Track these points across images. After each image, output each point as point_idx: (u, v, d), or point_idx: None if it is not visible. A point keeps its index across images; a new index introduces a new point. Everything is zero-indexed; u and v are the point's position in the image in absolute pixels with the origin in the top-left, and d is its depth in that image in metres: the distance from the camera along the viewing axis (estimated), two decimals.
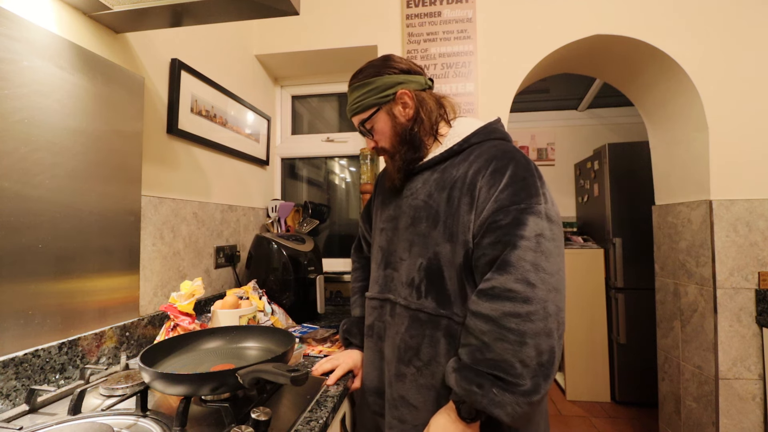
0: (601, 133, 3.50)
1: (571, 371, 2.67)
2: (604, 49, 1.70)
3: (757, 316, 1.48)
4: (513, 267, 0.64)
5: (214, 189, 1.43)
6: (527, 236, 0.65)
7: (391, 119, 0.81)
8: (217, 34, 1.47)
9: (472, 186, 0.73)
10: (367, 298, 0.91)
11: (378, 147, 0.85)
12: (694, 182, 1.60)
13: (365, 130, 0.84)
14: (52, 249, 0.81)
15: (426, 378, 0.75)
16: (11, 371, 0.72)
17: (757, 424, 1.47)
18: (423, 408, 0.74)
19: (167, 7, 0.87)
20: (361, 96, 0.81)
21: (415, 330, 0.76)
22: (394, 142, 0.82)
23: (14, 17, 0.75)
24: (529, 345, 0.62)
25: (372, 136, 0.84)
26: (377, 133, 0.83)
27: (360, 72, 0.83)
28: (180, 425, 0.61)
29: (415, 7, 1.65)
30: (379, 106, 0.81)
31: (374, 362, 0.86)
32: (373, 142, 0.85)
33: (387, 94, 0.80)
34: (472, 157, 0.77)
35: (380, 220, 0.91)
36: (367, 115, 0.82)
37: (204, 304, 1.30)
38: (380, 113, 0.81)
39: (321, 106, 2.12)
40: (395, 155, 0.83)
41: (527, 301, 0.63)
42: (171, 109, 1.19)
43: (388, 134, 0.82)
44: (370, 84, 0.80)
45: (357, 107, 0.82)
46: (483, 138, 0.80)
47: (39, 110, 0.78)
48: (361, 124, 0.84)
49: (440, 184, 0.78)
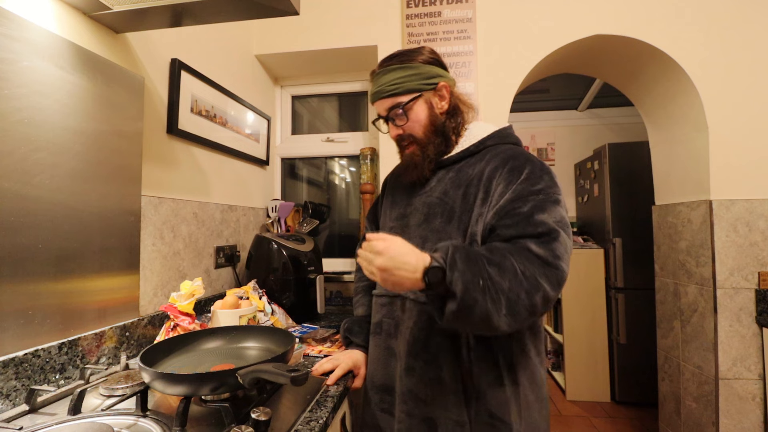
0: (601, 133, 3.50)
1: (571, 371, 2.67)
2: (604, 49, 1.70)
3: (757, 316, 1.48)
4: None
5: (214, 189, 1.43)
6: (548, 222, 0.67)
7: (428, 108, 0.81)
8: (217, 34, 1.47)
9: (488, 182, 0.75)
10: (374, 296, 0.91)
11: (405, 134, 0.82)
12: (694, 182, 1.60)
13: (394, 114, 0.81)
14: (52, 249, 0.81)
15: (434, 371, 0.75)
16: (11, 371, 0.72)
17: (757, 424, 1.47)
18: (431, 402, 0.74)
19: (167, 7, 0.87)
20: (401, 78, 0.79)
21: (424, 323, 0.77)
22: (428, 132, 0.81)
23: (14, 17, 0.75)
24: (532, 297, 0.62)
25: (397, 123, 0.81)
26: (411, 120, 0.81)
27: (399, 55, 0.81)
28: (180, 425, 0.61)
29: (415, 7, 1.65)
30: (421, 92, 0.79)
31: (381, 359, 0.86)
32: (400, 129, 0.82)
33: (430, 82, 0.79)
34: (488, 156, 0.79)
35: (389, 219, 0.91)
36: (407, 99, 0.79)
37: (204, 304, 1.30)
38: (420, 100, 0.80)
39: (321, 106, 2.12)
40: (427, 145, 0.81)
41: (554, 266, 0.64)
42: (171, 109, 1.19)
43: (423, 123, 0.81)
44: (413, 68, 0.79)
45: (395, 89, 0.79)
46: (497, 141, 0.82)
47: (39, 110, 0.78)
48: (394, 108, 0.81)
49: (456, 182, 0.79)
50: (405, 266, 0.60)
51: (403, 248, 0.61)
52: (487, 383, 0.74)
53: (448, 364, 0.74)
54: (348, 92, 2.01)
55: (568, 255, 0.67)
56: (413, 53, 0.81)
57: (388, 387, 0.84)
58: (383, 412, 0.84)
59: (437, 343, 0.75)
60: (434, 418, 0.74)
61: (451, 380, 0.74)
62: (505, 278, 0.61)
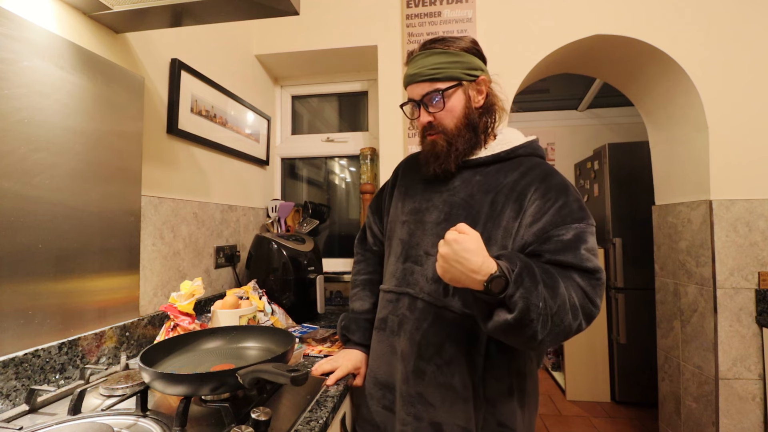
0: (601, 133, 3.50)
1: (571, 371, 2.67)
2: (604, 49, 1.70)
3: (757, 316, 1.48)
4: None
5: (214, 189, 1.43)
6: (594, 260, 0.69)
7: (466, 100, 0.78)
8: (217, 34, 1.47)
9: (522, 196, 0.74)
10: (381, 291, 0.90)
11: (435, 122, 0.78)
12: (694, 182, 1.60)
13: (429, 100, 0.77)
14: (52, 249, 0.81)
15: (446, 377, 0.74)
16: (11, 371, 0.72)
17: (757, 424, 1.47)
18: (440, 407, 0.74)
19: (167, 7, 0.87)
20: (444, 64, 0.76)
21: (439, 327, 0.76)
22: (460, 124, 0.78)
23: (14, 17, 0.75)
24: (571, 327, 0.64)
25: (431, 109, 0.78)
26: (446, 109, 0.77)
27: (444, 40, 0.78)
28: (180, 425, 0.61)
29: (415, 7, 1.65)
30: (461, 81, 0.77)
31: (384, 356, 0.85)
32: (431, 116, 0.78)
33: (471, 73, 0.77)
34: (522, 168, 0.77)
35: (402, 212, 0.87)
36: (447, 85, 0.76)
37: (204, 304, 1.30)
38: (459, 89, 0.77)
39: (321, 106, 2.11)
40: (457, 139, 0.78)
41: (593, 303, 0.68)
42: (171, 109, 1.19)
43: (457, 114, 0.77)
44: (458, 56, 0.76)
45: (437, 73, 0.76)
46: (530, 152, 0.80)
47: (39, 110, 0.78)
48: (431, 92, 0.77)
49: (484, 186, 0.77)
50: (468, 263, 0.59)
51: (473, 245, 0.60)
52: (498, 393, 0.74)
53: (462, 371, 0.74)
54: (348, 92, 2.01)
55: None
56: (457, 40, 0.78)
57: (390, 385, 0.84)
58: (384, 409, 0.84)
59: (453, 350, 0.74)
60: (441, 423, 0.74)
61: (462, 388, 0.73)
62: (556, 303, 0.62)
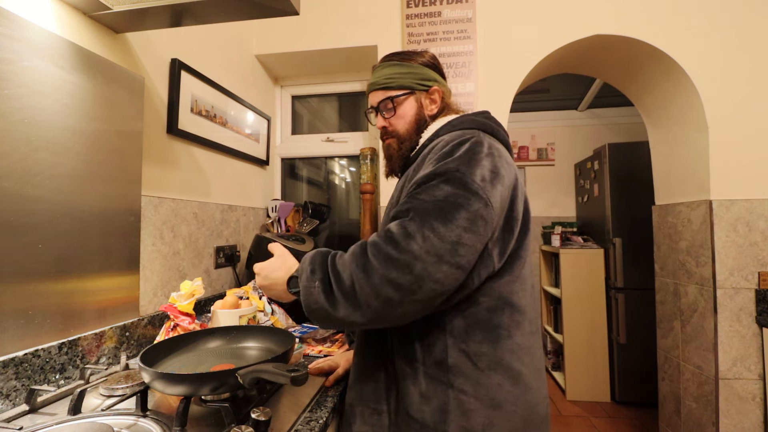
0: (601, 133, 3.50)
1: (571, 371, 2.67)
2: (604, 49, 1.70)
3: (757, 316, 1.48)
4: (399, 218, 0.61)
5: (214, 189, 1.43)
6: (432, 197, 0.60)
7: (417, 107, 0.83)
8: (217, 34, 1.47)
9: (417, 170, 0.71)
10: None
11: (390, 129, 0.85)
12: (694, 182, 1.60)
13: (383, 107, 0.84)
14: (52, 249, 0.81)
15: (360, 359, 0.77)
16: (11, 371, 0.72)
17: (757, 424, 1.47)
18: (352, 387, 0.76)
19: (167, 7, 0.87)
20: (397, 74, 0.82)
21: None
22: (411, 129, 0.83)
23: (14, 17, 0.75)
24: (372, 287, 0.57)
25: (385, 115, 0.84)
26: (398, 115, 0.83)
27: (401, 54, 0.84)
28: (180, 425, 0.61)
29: (415, 7, 1.65)
30: (413, 90, 0.82)
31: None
32: (386, 122, 0.85)
33: (424, 83, 0.82)
34: (434, 143, 0.75)
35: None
36: (398, 93, 0.82)
37: (204, 304, 1.30)
38: (410, 97, 0.82)
39: (321, 106, 2.11)
40: (405, 141, 0.83)
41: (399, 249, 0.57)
42: (171, 109, 1.19)
43: (408, 120, 0.82)
44: (410, 67, 0.82)
45: (390, 82, 0.82)
46: (451, 129, 0.75)
47: (39, 110, 0.78)
48: (384, 100, 0.83)
49: (403, 178, 0.80)
50: (276, 281, 0.69)
51: (275, 264, 0.70)
52: (404, 378, 0.68)
53: (372, 353, 0.75)
54: (348, 92, 2.01)
55: (440, 231, 0.56)
56: (414, 54, 0.84)
57: None
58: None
59: (365, 333, 0.77)
60: (354, 405, 0.74)
61: (374, 369, 0.73)
62: (344, 274, 0.59)
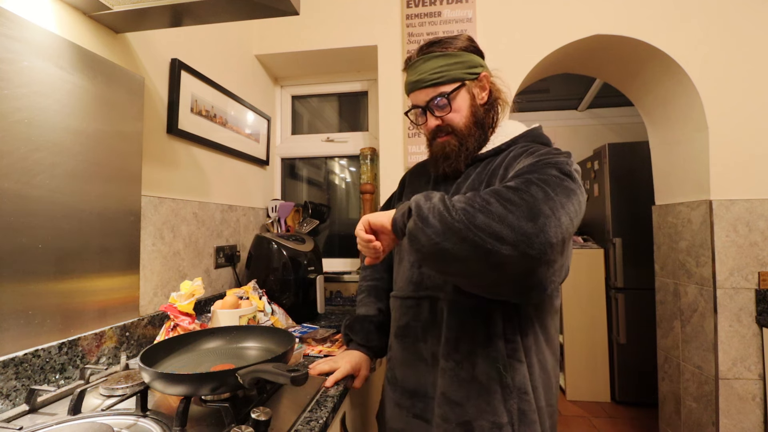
0: (601, 133, 3.50)
1: (571, 371, 2.67)
2: (604, 49, 1.70)
3: (757, 316, 1.48)
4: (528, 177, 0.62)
5: (214, 189, 1.43)
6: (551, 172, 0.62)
7: (471, 98, 0.78)
8: (217, 34, 1.47)
9: (507, 170, 0.73)
10: (398, 298, 0.87)
11: (444, 125, 0.79)
12: (694, 182, 1.60)
13: (435, 105, 0.78)
14: (52, 249, 0.81)
15: (467, 371, 0.72)
16: (11, 371, 0.72)
17: (757, 424, 1.47)
18: (466, 403, 0.71)
19: (167, 7, 0.87)
20: (444, 66, 0.76)
21: (453, 323, 0.74)
22: (469, 123, 0.78)
23: (14, 17, 0.75)
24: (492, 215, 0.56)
25: (438, 113, 0.78)
26: (453, 110, 0.78)
27: (441, 42, 0.78)
28: (180, 425, 0.61)
29: (415, 7, 1.65)
30: (464, 81, 0.77)
31: (410, 362, 0.82)
32: (439, 120, 0.79)
33: (473, 71, 0.78)
34: (512, 148, 0.77)
35: None
36: (451, 88, 0.77)
37: (204, 304, 1.30)
38: (463, 89, 0.78)
39: (321, 106, 2.11)
40: (467, 138, 0.79)
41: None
42: (171, 109, 1.19)
43: (464, 114, 0.78)
44: (457, 57, 0.77)
45: (439, 77, 0.76)
46: (529, 140, 0.79)
47: (39, 110, 0.78)
48: (436, 97, 0.77)
49: (481, 175, 0.77)
50: (384, 214, 0.68)
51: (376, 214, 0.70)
52: (524, 376, 0.70)
53: (482, 362, 0.70)
54: (348, 92, 2.01)
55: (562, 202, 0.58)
56: (454, 40, 0.79)
57: (420, 392, 0.80)
58: (416, 418, 0.80)
59: (469, 343, 0.72)
60: (470, 421, 0.70)
61: (489, 379, 0.70)
62: (457, 204, 0.59)
